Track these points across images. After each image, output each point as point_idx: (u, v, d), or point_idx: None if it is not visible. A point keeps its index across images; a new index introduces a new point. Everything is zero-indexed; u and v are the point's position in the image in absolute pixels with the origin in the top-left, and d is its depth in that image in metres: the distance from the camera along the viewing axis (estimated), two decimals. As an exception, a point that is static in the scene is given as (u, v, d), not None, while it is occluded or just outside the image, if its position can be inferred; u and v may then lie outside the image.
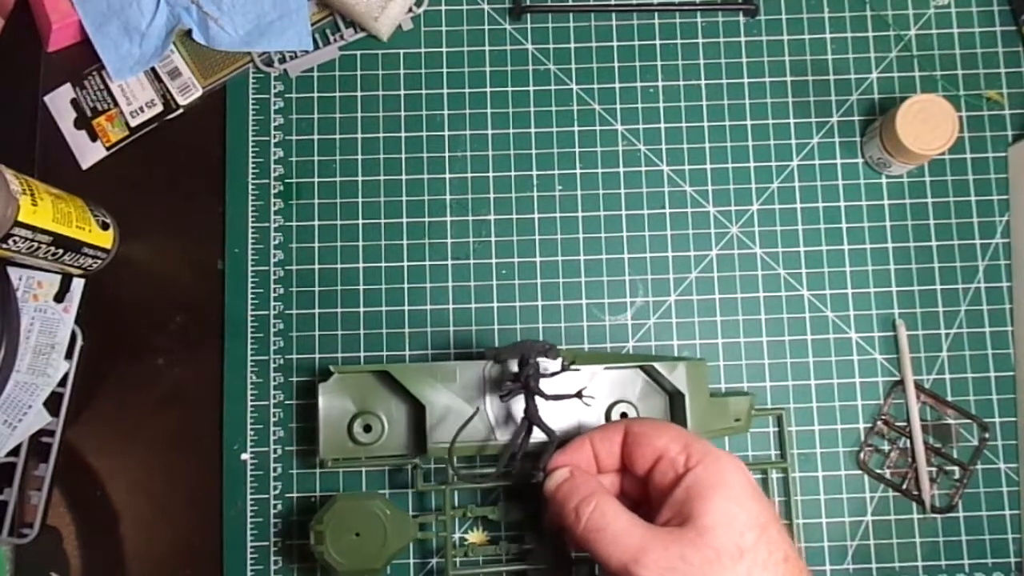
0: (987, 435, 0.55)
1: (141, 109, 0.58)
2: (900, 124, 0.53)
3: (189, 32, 0.58)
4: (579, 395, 0.50)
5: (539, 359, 0.50)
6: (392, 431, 0.53)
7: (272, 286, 0.57)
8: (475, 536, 0.54)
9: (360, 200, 0.58)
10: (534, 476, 0.48)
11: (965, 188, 0.58)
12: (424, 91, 0.59)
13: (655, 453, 0.43)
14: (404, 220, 0.58)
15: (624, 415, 0.53)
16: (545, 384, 0.50)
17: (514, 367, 0.51)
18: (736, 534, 0.39)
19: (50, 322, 0.55)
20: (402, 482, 0.55)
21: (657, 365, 0.53)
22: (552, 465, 0.46)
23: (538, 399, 0.50)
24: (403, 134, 0.58)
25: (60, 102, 0.58)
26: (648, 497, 0.44)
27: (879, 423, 0.55)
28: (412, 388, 0.52)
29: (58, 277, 0.55)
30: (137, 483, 0.55)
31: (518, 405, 0.51)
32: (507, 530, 0.54)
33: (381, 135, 0.58)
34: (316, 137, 0.58)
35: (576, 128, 0.58)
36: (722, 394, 0.55)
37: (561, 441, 0.48)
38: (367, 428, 0.53)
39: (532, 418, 0.49)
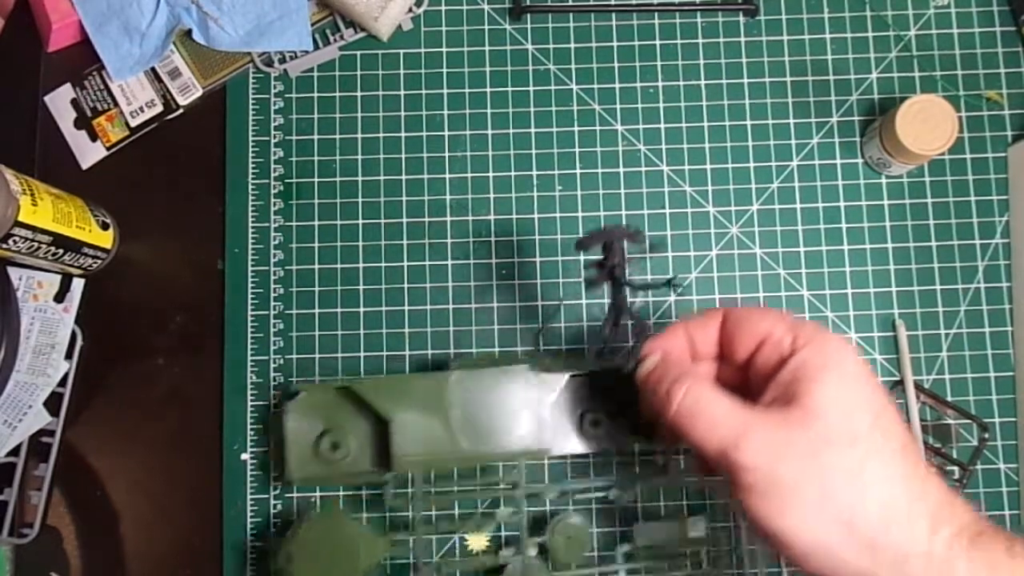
0: (987, 435, 0.55)
1: (141, 109, 0.58)
2: (900, 124, 0.53)
3: (189, 32, 0.58)
4: (669, 283, 0.47)
5: (624, 243, 0.45)
6: (362, 448, 0.52)
7: (272, 286, 0.57)
8: (475, 539, 0.53)
9: (360, 200, 0.58)
10: (625, 367, 0.45)
11: (965, 188, 0.58)
12: (424, 91, 0.59)
13: (758, 336, 0.39)
14: (404, 220, 0.58)
15: (596, 423, 0.52)
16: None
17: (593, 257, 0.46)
18: (848, 418, 0.35)
19: (50, 322, 0.55)
20: (377, 500, 0.54)
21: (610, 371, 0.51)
22: (644, 352, 0.43)
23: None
24: (403, 134, 0.58)
25: (60, 102, 0.58)
26: (747, 385, 0.41)
27: (879, 423, 0.55)
28: (375, 403, 0.51)
29: (58, 277, 0.55)
30: (137, 483, 0.55)
31: (486, 415, 0.51)
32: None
33: (381, 135, 0.58)
34: (316, 137, 0.58)
35: (576, 128, 0.58)
36: None
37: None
38: (335, 446, 0.51)
39: (620, 307, 0.46)
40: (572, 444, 0.52)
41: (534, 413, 0.51)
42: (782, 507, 0.35)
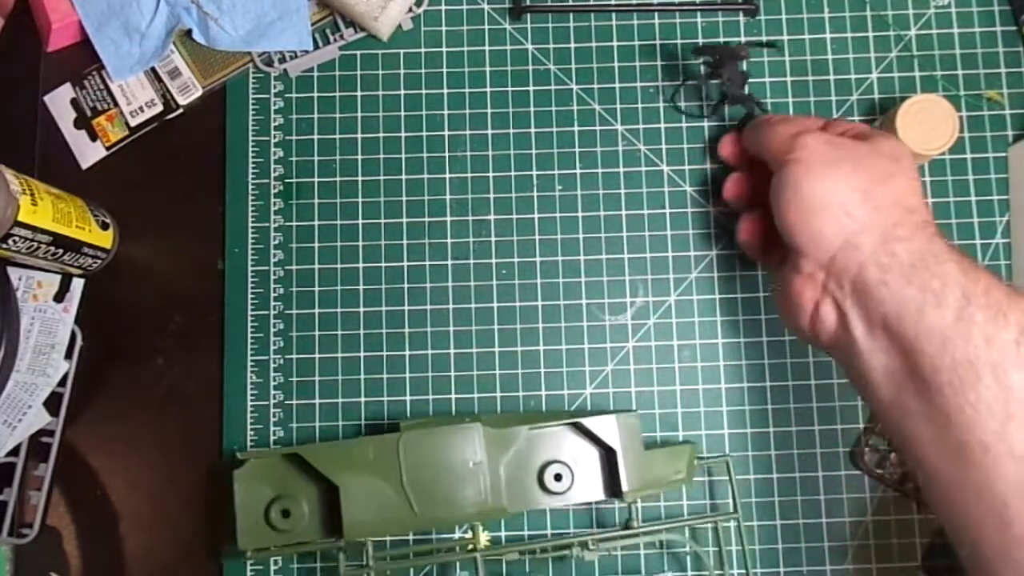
0: (987, 435, 0.55)
1: (141, 109, 0.58)
2: (900, 124, 0.53)
3: (189, 32, 0.58)
4: (756, 102, 0.54)
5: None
6: (313, 515, 0.51)
7: (272, 286, 0.57)
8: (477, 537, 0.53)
9: (360, 200, 0.58)
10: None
11: (965, 188, 0.58)
12: (424, 91, 0.59)
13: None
14: (404, 220, 0.58)
15: (558, 476, 0.51)
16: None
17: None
18: (896, 153, 0.47)
19: (50, 322, 0.55)
20: (333, 572, 0.53)
21: (584, 421, 0.51)
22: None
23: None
24: (403, 134, 0.58)
25: (60, 102, 0.58)
26: None
27: (879, 423, 0.55)
28: (323, 469, 0.50)
29: (58, 277, 0.55)
30: (137, 483, 0.55)
31: (439, 476, 0.50)
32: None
33: (381, 135, 0.58)
34: (316, 137, 0.58)
35: (576, 128, 0.58)
36: (658, 445, 0.54)
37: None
38: (285, 513, 0.50)
39: (733, 95, 0.54)
40: (533, 500, 0.52)
41: (490, 471, 0.50)
42: (822, 173, 0.45)
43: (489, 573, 0.53)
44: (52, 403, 0.54)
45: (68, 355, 0.55)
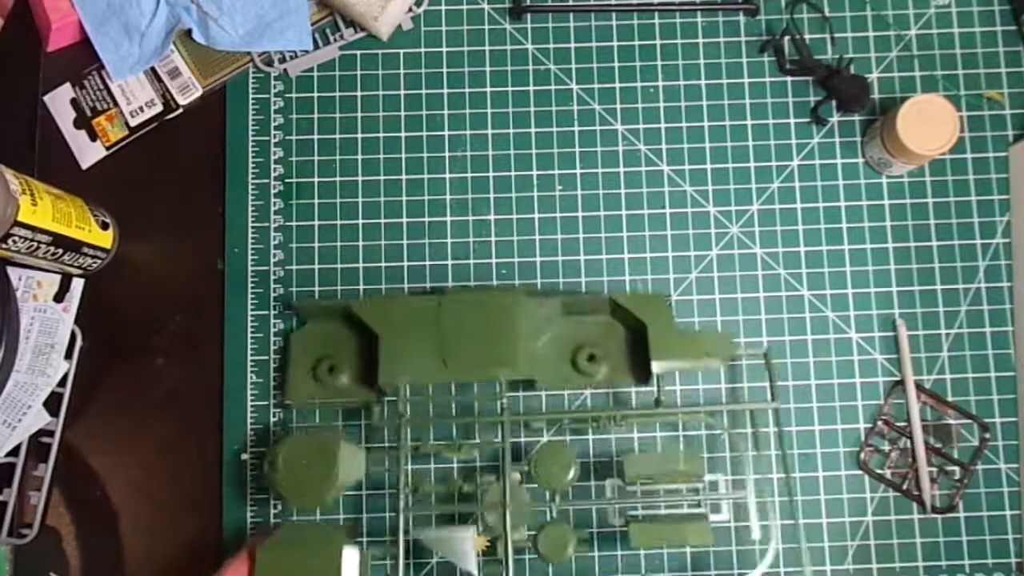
0: (988, 435, 0.55)
1: (141, 109, 0.58)
2: (901, 124, 0.53)
3: (189, 32, 0.57)
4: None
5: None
6: (357, 372, 0.54)
7: (272, 286, 0.57)
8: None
9: (360, 200, 0.58)
10: None
11: (966, 188, 0.58)
12: (424, 91, 0.59)
13: None
14: (404, 220, 0.57)
15: (592, 357, 0.52)
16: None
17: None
18: None
19: (50, 322, 0.55)
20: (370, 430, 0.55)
21: (618, 296, 0.53)
22: None
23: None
24: (403, 134, 0.58)
25: (60, 102, 0.58)
26: None
27: (879, 423, 0.55)
28: (366, 319, 0.52)
29: (58, 277, 0.55)
30: (137, 483, 0.55)
31: (476, 338, 0.51)
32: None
33: (381, 135, 0.58)
34: (316, 137, 0.58)
35: (576, 128, 0.58)
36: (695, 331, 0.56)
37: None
38: (331, 369, 0.53)
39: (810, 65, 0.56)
40: (563, 377, 0.53)
41: (527, 341, 0.51)
42: None
43: (516, 448, 0.54)
44: (52, 403, 0.54)
45: (68, 355, 0.55)
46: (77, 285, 0.56)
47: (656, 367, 0.52)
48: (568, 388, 0.54)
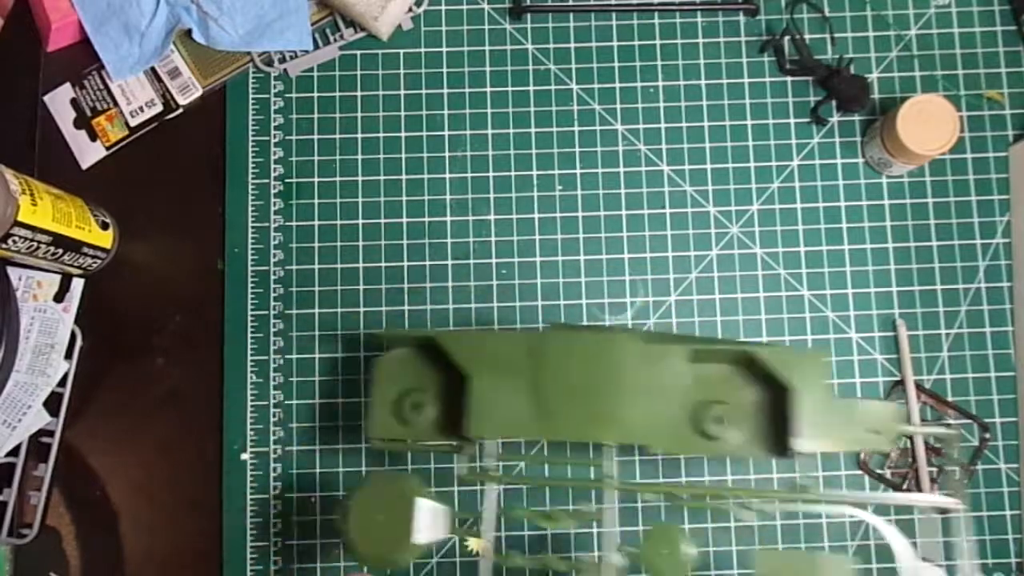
0: (988, 435, 0.55)
1: (141, 109, 0.58)
2: (901, 124, 0.53)
3: (189, 32, 0.57)
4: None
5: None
6: (442, 413, 0.47)
7: (272, 286, 0.57)
8: (475, 540, 0.52)
9: (360, 200, 0.58)
10: None
11: (966, 188, 0.58)
12: (424, 91, 0.59)
13: None
14: (404, 220, 0.57)
15: (719, 419, 0.43)
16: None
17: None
18: None
19: (50, 322, 0.55)
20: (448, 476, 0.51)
21: (758, 351, 0.43)
22: None
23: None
24: (403, 134, 0.58)
25: (60, 102, 0.58)
26: None
27: (879, 423, 0.55)
28: (456, 356, 0.45)
29: (58, 277, 0.55)
30: (137, 483, 0.55)
31: (582, 387, 0.43)
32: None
33: (381, 135, 0.58)
34: (316, 137, 0.58)
35: (576, 128, 0.58)
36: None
37: None
38: (415, 406, 0.47)
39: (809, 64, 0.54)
40: (684, 442, 0.44)
41: (641, 397, 0.43)
42: None
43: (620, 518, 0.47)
44: (52, 403, 0.54)
45: (68, 355, 0.55)
46: (77, 285, 0.56)
47: (801, 444, 0.43)
48: (687, 454, 0.46)
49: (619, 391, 0.44)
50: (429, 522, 0.43)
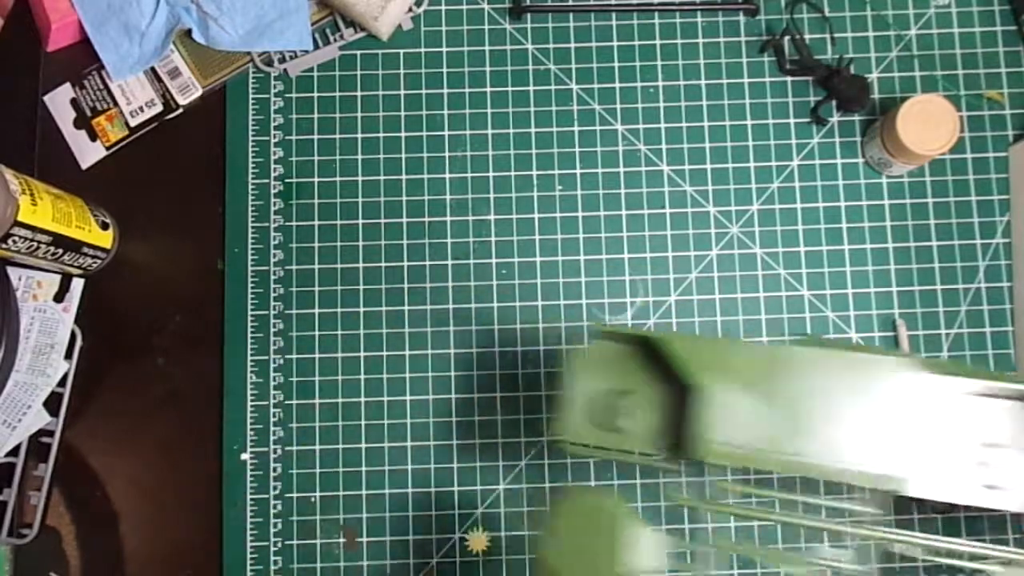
0: (988, 435, 0.55)
1: (141, 109, 0.58)
2: (901, 124, 0.53)
3: (189, 32, 0.58)
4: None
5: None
6: (651, 421, 0.42)
7: (272, 286, 0.57)
8: (476, 540, 0.53)
9: (360, 200, 0.58)
10: None
11: (966, 188, 0.58)
12: (424, 91, 0.59)
13: None
14: (404, 220, 0.58)
15: (1008, 462, 0.38)
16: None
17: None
18: None
19: (50, 322, 0.55)
20: (651, 493, 0.46)
21: None
22: None
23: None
24: (403, 134, 0.58)
25: (60, 102, 0.58)
26: None
27: (879, 423, 0.55)
28: (686, 366, 0.39)
29: (58, 277, 0.55)
30: (137, 483, 0.55)
31: (838, 414, 0.38)
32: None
33: (381, 135, 0.58)
34: (316, 137, 0.58)
35: (576, 128, 0.58)
36: None
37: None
38: (620, 411, 0.41)
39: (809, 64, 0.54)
40: (959, 490, 0.38)
41: (907, 428, 0.38)
42: None
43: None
44: (52, 403, 0.54)
45: (68, 355, 0.55)
46: (77, 285, 0.56)
47: None
48: (967, 502, 0.39)
49: (900, 429, 0.38)
50: (640, 549, 0.38)
